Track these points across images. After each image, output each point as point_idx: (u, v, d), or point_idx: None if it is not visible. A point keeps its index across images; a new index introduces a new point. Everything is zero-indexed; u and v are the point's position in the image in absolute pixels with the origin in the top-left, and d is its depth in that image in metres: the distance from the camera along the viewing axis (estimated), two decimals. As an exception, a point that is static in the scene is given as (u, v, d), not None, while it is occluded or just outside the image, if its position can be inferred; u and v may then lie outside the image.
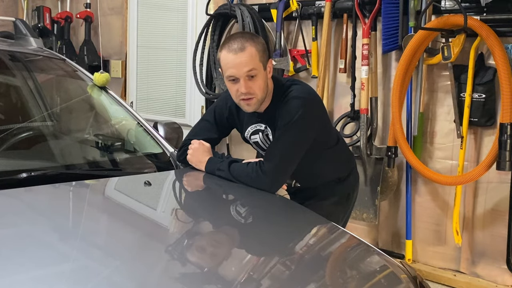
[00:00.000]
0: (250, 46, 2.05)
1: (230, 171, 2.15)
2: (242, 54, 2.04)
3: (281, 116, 2.13)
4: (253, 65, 2.05)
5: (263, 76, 2.11)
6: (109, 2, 5.10)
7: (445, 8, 3.18)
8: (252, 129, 2.27)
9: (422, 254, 3.48)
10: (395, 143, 3.31)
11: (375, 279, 1.67)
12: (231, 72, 2.07)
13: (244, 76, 2.06)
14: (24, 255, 1.41)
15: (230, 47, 2.06)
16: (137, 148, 2.56)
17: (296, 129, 2.10)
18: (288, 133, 2.11)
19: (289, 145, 2.13)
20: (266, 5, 3.92)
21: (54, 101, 2.91)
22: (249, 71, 2.05)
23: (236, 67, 2.05)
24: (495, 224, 3.20)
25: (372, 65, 3.45)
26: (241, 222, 1.99)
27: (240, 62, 2.04)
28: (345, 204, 2.51)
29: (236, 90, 2.10)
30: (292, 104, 2.12)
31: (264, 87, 2.11)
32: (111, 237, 1.68)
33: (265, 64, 2.11)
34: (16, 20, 2.95)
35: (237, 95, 2.11)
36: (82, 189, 2.08)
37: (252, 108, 2.15)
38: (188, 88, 4.51)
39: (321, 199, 2.40)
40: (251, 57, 2.05)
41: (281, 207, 2.13)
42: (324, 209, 2.33)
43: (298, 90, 2.16)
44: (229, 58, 2.06)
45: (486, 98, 3.08)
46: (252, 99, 2.10)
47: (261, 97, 2.12)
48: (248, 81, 2.07)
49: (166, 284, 1.42)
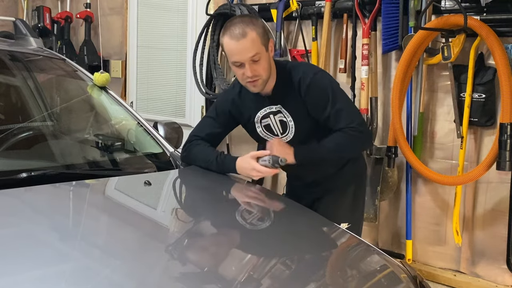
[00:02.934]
0: (251, 31, 2.10)
1: (329, 150, 2.23)
2: (244, 40, 2.09)
3: (318, 98, 2.22)
4: (256, 49, 2.11)
5: (266, 57, 2.17)
6: (109, 2, 5.10)
7: (445, 8, 3.17)
8: (262, 113, 2.29)
9: (422, 254, 3.48)
10: (395, 143, 3.31)
11: (375, 279, 1.67)
12: (235, 58, 2.13)
13: (249, 60, 2.11)
14: (24, 255, 1.41)
15: (232, 34, 2.11)
16: (137, 148, 2.56)
17: (340, 99, 2.24)
18: (338, 100, 2.22)
19: (348, 105, 2.28)
20: (266, 5, 3.91)
21: (54, 101, 2.91)
22: (253, 56, 2.11)
23: (240, 53, 2.11)
24: (495, 224, 3.20)
25: (372, 65, 3.45)
26: (241, 222, 1.99)
27: (243, 48, 2.10)
28: (361, 187, 2.57)
29: (242, 73, 2.16)
30: (318, 83, 2.22)
31: (268, 67, 2.18)
32: (111, 237, 1.68)
33: (266, 46, 2.17)
34: (16, 20, 2.95)
35: (243, 78, 2.18)
36: (82, 189, 2.08)
37: (259, 89, 2.21)
38: (188, 88, 4.51)
39: (340, 190, 2.44)
40: (253, 42, 2.10)
41: (281, 207, 2.13)
42: (345, 204, 2.43)
43: (304, 70, 2.26)
44: (231, 45, 2.11)
45: (486, 98, 3.08)
46: (258, 81, 2.17)
47: (266, 77, 2.19)
48: (253, 64, 2.12)
49: (166, 284, 1.42)
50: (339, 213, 2.36)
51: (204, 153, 2.30)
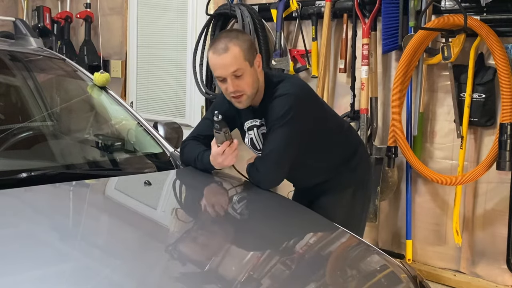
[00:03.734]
0: (233, 46, 2.08)
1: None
2: (225, 55, 2.08)
3: (270, 116, 2.16)
4: (238, 65, 2.08)
5: (251, 73, 2.13)
6: (109, 2, 5.10)
7: (445, 8, 3.18)
8: (247, 124, 2.28)
9: (422, 254, 3.48)
10: (395, 143, 3.31)
11: (375, 279, 1.67)
12: (218, 73, 2.12)
13: (231, 75, 2.09)
14: (24, 255, 1.41)
15: (215, 48, 2.10)
16: (137, 148, 2.56)
17: (284, 126, 2.12)
18: (276, 131, 2.14)
19: (279, 143, 2.14)
20: (266, 5, 3.91)
21: (54, 101, 2.91)
22: (234, 72, 2.09)
23: (222, 68, 2.09)
24: (495, 224, 3.20)
25: (372, 65, 3.45)
26: (241, 222, 1.99)
27: (224, 64, 2.08)
28: (362, 193, 2.49)
29: (225, 88, 2.14)
30: (277, 102, 2.14)
31: (252, 83, 2.14)
32: (111, 237, 1.68)
33: (251, 61, 2.13)
34: (16, 20, 2.95)
35: (227, 93, 2.16)
36: (82, 189, 2.08)
37: (243, 105, 2.18)
38: (188, 88, 4.51)
39: (337, 193, 2.40)
40: (235, 57, 2.08)
41: (282, 207, 2.13)
42: (343, 204, 2.38)
43: (284, 87, 2.17)
44: (214, 59, 2.11)
45: (486, 98, 3.08)
46: (242, 96, 2.14)
47: (251, 93, 2.15)
48: (235, 79, 2.10)
49: (166, 283, 1.42)
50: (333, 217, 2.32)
51: (191, 152, 2.29)
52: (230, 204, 2.19)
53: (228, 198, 2.26)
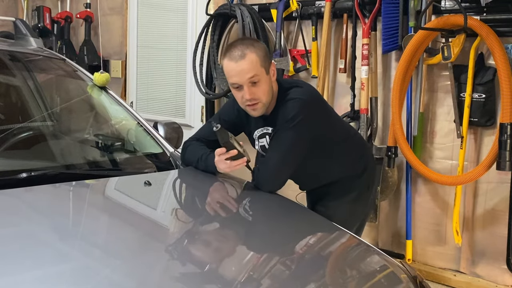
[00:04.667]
0: (250, 53, 2.08)
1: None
2: (243, 62, 2.07)
3: (278, 120, 2.16)
4: (255, 71, 2.08)
5: (267, 80, 2.13)
6: (109, 2, 5.10)
7: (445, 8, 3.18)
8: (259, 132, 2.28)
9: (422, 254, 3.48)
10: (395, 143, 3.31)
11: (375, 279, 1.67)
12: (234, 80, 2.10)
13: (247, 82, 2.09)
14: (24, 255, 1.41)
15: (231, 55, 2.10)
16: (137, 148, 2.56)
17: (290, 130, 2.13)
18: (282, 134, 2.15)
19: (283, 147, 2.15)
20: (266, 5, 3.91)
21: (54, 101, 2.91)
22: (251, 78, 2.08)
23: (238, 75, 2.08)
24: (495, 224, 3.20)
25: (372, 65, 3.45)
26: (241, 222, 1.99)
27: (242, 70, 2.07)
28: (366, 196, 2.51)
29: (241, 96, 2.13)
30: (287, 106, 2.15)
31: (268, 91, 2.14)
32: (111, 237, 1.68)
33: (267, 69, 2.13)
34: (16, 20, 2.95)
35: (243, 101, 2.15)
36: (82, 189, 2.08)
37: (259, 113, 2.18)
38: (188, 88, 4.51)
39: (340, 197, 2.41)
40: (252, 63, 2.08)
41: (282, 208, 2.13)
42: (344, 207, 2.38)
43: (295, 92, 2.18)
44: (230, 66, 2.10)
45: (486, 98, 3.08)
46: (257, 104, 2.13)
47: (267, 101, 2.15)
48: (252, 87, 2.09)
49: (166, 283, 1.42)
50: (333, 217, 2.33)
51: (194, 152, 2.30)
52: (230, 204, 2.19)
53: (228, 198, 2.26)
